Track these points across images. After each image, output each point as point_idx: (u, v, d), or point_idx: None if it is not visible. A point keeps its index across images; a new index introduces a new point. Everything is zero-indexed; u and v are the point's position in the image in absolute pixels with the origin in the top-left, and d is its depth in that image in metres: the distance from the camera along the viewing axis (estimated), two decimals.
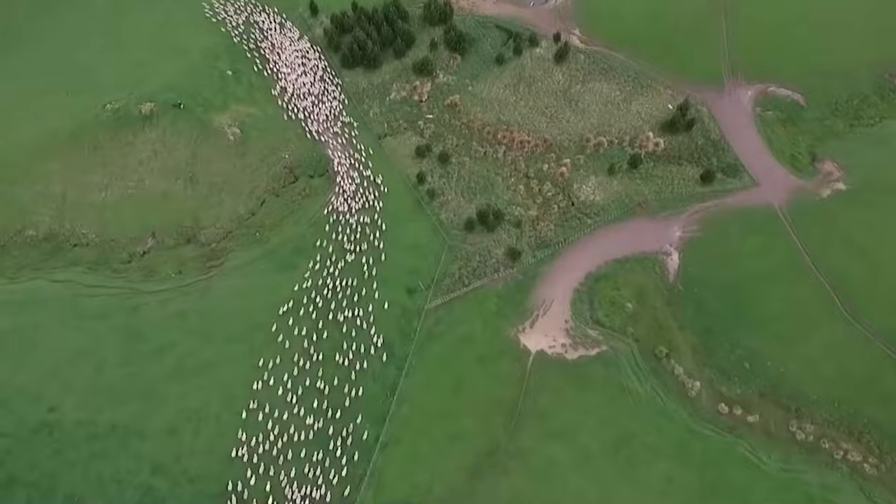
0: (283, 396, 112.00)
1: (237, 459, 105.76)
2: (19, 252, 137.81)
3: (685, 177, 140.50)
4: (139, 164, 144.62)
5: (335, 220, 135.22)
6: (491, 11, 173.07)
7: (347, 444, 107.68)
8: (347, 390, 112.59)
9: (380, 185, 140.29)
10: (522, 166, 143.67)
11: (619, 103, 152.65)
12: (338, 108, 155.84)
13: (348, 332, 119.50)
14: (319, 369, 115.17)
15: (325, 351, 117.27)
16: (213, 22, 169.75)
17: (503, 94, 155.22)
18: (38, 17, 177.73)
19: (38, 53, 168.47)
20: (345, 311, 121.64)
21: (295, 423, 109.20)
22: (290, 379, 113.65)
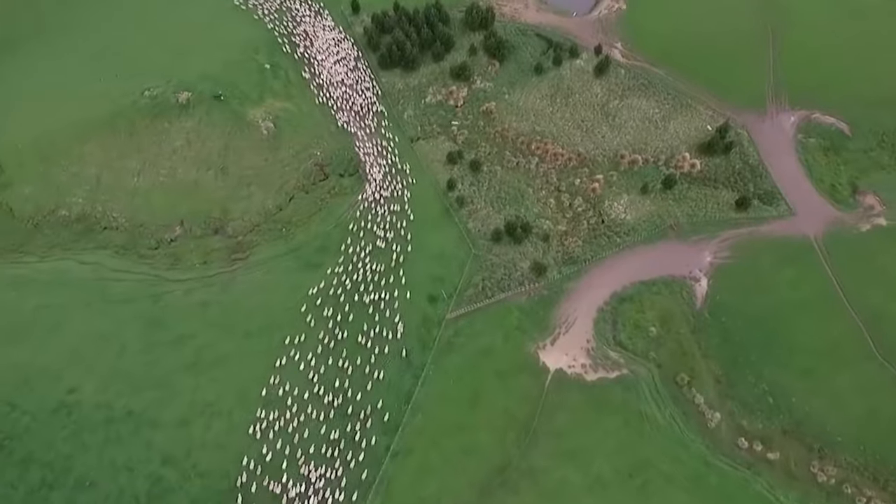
0: (298, 397, 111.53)
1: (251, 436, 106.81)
2: (51, 231, 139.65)
3: (720, 201, 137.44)
4: (173, 151, 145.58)
5: (362, 222, 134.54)
6: (533, 20, 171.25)
7: (361, 450, 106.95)
8: (362, 398, 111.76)
9: (409, 190, 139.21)
10: (554, 179, 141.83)
11: (656, 121, 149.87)
12: (371, 100, 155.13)
13: (367, 337, 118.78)
14: (336, 372, 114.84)
15: (343, 354, 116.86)
16: (254, 14, 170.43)
17: (540, 105, 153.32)
18: (92, 2, 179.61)
19: (88, 37, 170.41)
20: (364, 316, 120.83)
21: (309, 427, 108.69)
22: (306, 382, 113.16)
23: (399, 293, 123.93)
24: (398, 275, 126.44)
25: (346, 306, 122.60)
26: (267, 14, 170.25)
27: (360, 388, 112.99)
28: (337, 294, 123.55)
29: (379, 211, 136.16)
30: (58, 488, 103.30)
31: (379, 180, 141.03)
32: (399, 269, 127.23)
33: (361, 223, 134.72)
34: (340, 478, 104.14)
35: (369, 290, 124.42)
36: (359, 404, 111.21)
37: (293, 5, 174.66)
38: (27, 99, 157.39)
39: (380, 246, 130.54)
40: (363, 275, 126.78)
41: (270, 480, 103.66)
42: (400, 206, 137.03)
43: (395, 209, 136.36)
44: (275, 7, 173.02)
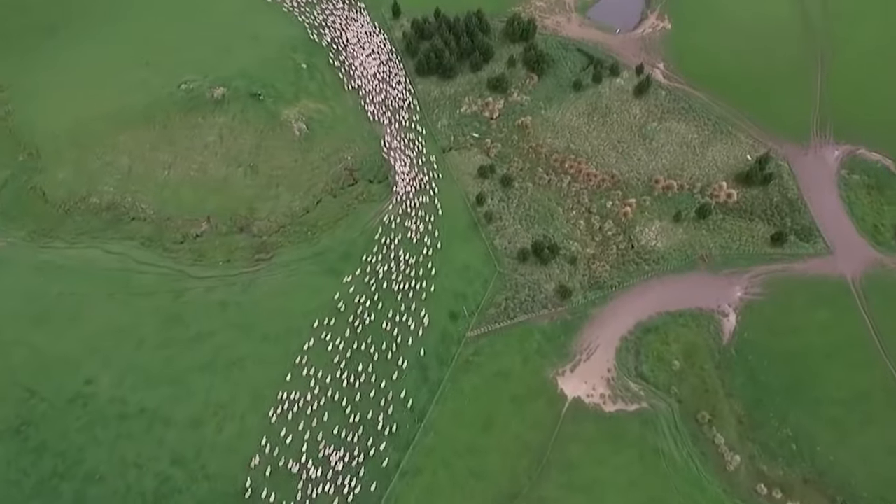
0: (309, 406, 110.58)
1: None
2: (81, 218, 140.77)
3: (755, 234, 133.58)
4: (204, 147, 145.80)
5: (388, 231, 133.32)
6: (575, 34, 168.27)
7: (370, 466, 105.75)
8: (374, 413, 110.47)
9: (438, 202, 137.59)
10: (586, 200, 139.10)
11: (695, 147, 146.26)
12: (405, 109, 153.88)
13: (383, 349, 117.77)
14: (350, 384, 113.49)
15: (358, 366, 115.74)
16: (293, 13, 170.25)
17: (576, 122, 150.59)
18: None
19: (130, 26, 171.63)
20: (383, 328, 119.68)
21: (322, 436, 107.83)
22: (319, 391, 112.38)
23: (420, 307, 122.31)
24: (421, 288, 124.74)
25: (365, 315, 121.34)
26: (306, 14, 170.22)
27: (374, 403, 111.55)
28: (357, 303, 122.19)
29: (406, 221, 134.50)
30: (68, 479, 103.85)
31: (408, 189, 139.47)
32: (422, 283, 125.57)
33: (387, 232, 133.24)
34: (348, 494, 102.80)
35: (390, 302, 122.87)
36: (372, 418, 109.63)
37: (334, 6, 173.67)
38: (67, 84, 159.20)
39: (404, 257, 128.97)
40: (385, 285, 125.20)
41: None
42: (427, 217, 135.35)
43: (422, 220, 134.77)
44: (315, 8, 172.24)
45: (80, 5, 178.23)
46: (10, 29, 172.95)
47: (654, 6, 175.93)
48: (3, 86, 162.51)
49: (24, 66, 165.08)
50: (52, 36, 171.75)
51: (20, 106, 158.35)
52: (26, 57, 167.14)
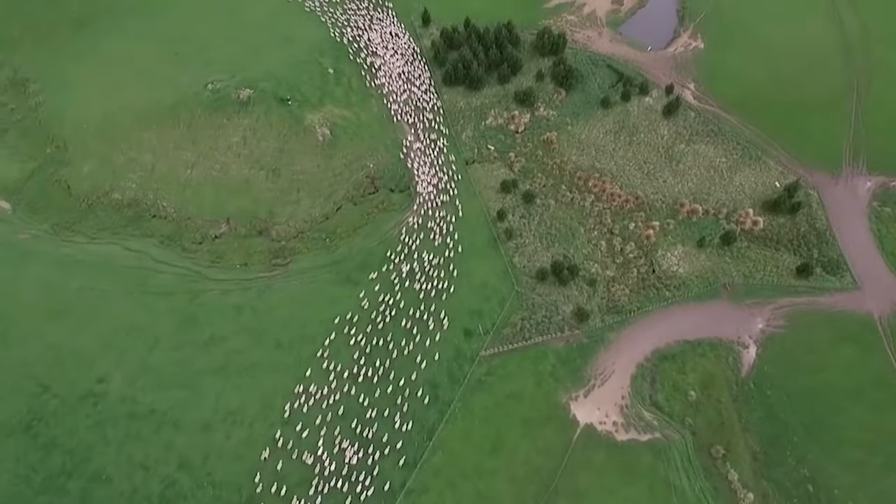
0: (318, 419, 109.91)
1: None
2: (103, 213, 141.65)
3: (780, 264, 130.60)
4: (227, 147, 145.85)
5: (406, 242, 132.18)
6: (605, 50, 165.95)
7: (376, 483, 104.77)
8: (382, 430, 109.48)
9: (459, 215, 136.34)
10: (608, 220, 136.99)
11: (722, 171, 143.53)
12: (431, 117, 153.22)
13: (396, 363, 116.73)
14: (358, 398, 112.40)
15: (369, 380, 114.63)
16: (322, 17, 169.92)
17: (602, 140, 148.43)
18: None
19: (160, 22, 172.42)
20: (396, 342, 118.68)
21: (329, 454, 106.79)
22: (328, 405, 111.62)
23: (436, 323, 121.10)
24: (437, 303, 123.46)
25: (380, 326, 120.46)
26: (336, 19, 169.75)
27: (383, 421, 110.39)
28: (372, 317, 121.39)
29: (425, 233, 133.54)
30: (75, 477, 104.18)
31: (429, 200, 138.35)
32: (439, 297, 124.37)
33: (406, 243, 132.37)
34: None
35: (406, 315, 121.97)
36: (379, 437, 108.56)
37: (364, 12, 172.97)
38: (96, 78, 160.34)
39: (422, 269, 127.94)
40: (402, 297, 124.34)
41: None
42: (447, 230, 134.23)
43: (442, 233, 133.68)
44: (345, 13, 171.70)
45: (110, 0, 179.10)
46: (41, 22, 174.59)
47: (688, 25, 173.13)
48: (33, 78, 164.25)
49: (55, 58, 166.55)
50: (81, 29, 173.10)
51: (50, 98, 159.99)
52: (57, 50, 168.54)
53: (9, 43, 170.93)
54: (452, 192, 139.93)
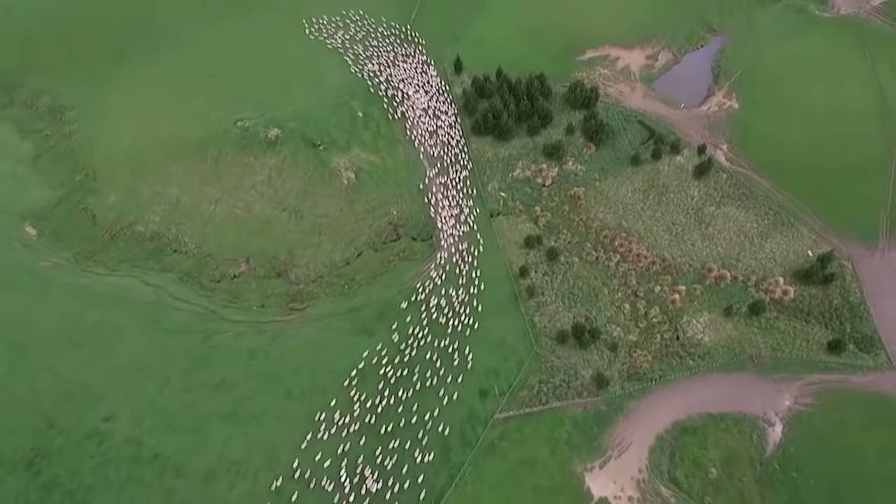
0: (325, 471, 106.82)
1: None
2: (125, 245, 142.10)
3: (810, 338, 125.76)
4: (252, 186, 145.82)
5: (426, 294, 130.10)
6: (638, 105, 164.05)
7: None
8: (390, 483, 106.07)
9: (480, 269, 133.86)
10: (633, 282, 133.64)
11: (752, 236, 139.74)
12: (459, 165, 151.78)
13: (408, 421, 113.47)
14: (368, 457, 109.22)
15: (378, 437, 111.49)
16: (355, 60, 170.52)
17: (631, 198, 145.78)
18: (208, 23, 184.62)
19: (197, 56, 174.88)
20: (408, 399, 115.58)
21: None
22: (336, 457, 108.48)
23: (451, 381, 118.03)
24: (453, 361, 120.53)
25: (392, 382, 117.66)
26: (368, 62, 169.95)
27: (391, 480, 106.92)
28: (385, 371, 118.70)
29: (445, 286, 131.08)
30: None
31: (451, 252, 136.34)
32: (455, 355, 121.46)
33: (425, 296, 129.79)
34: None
35: (420, 371, 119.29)
36: (387, 496, 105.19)
37: (397, 57, 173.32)
38: (130, 108, 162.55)
39: (439, 323, 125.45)
40: (417, 352, 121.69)
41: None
42: (467, 284, 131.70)
43: (462, 287, 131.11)
44: (377, 57, 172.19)
45: (148, 32, 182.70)
46: (82, 51, 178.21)
47: (722, 83, 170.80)
48: (70, 105, 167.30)
49: (93, 87, 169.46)
50: (120, 60, 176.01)
51: (84, 126, 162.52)
52: (95, 79, 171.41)
53: (52, 70, 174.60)
54: (475, 244, 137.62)
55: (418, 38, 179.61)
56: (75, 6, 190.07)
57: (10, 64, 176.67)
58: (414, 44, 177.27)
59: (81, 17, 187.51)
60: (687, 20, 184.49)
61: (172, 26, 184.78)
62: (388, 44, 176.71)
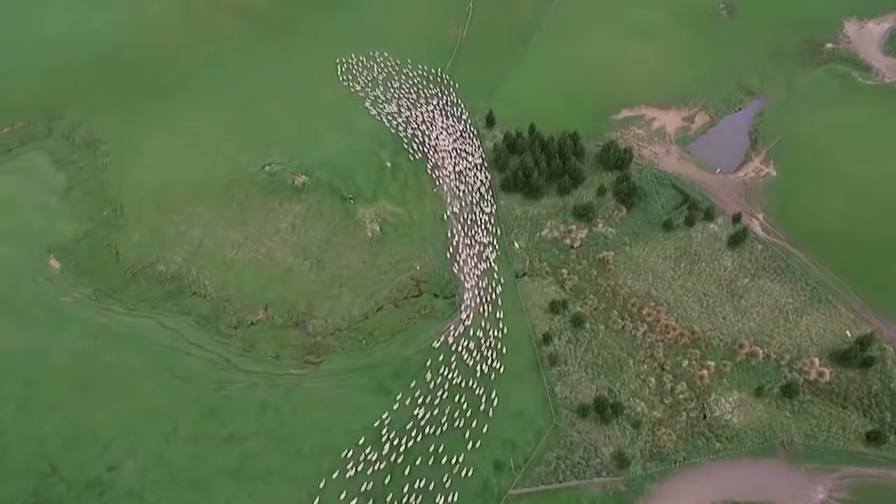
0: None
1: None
2: (146, 284, 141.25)
3: (847, 426, 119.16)
4: (275, 232, 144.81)
5: (445, 356, 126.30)
6: (672, 168, 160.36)
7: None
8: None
9: (502, 332, 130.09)
10: (660, 355, 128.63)
11: (787, 312, 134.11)
12: (487, 222, 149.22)
13: (419, 490, 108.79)
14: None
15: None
16: (389, 108, 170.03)
17: (661, 266, 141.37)
18: (245, 62, 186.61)
19: (230, 97, 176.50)
20: (420, 467, 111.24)
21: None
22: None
23: (466, 451, 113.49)
24: (470, 428, 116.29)
25: (405, 448, 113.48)
26: (400, 111, 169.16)
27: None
28: (398, 435, 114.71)
29: (465, 348, 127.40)
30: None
31: (473, 313, 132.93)
32: (472, 421, 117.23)
33: (444, 358, 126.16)
34: None
35: (434, 438, 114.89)
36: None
37: (430, 109, 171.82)
38: (162, 146, 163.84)
39: (458, 387, 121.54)
40: (433, 417, 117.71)
41: None
42: (488, 348, 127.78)
43: (483, 350, 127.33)
44: (410, 108, 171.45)
45: (186, 69, 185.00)
46: (121, 85, 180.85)
47: (760, 149, 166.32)
48: (105, 139, 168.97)
49: (128, 122, 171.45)
50: (156, 96, 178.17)
51: (117, 160, 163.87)
52: (132, 114, 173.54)
53: (91, 103, 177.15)
54: (499, 306, 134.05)
55: (454, 88, 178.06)
56: (119, 40, 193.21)
57: (52, 95, 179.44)
58: (448, 95, 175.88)
59: (124, 52, 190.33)
60: (725, 82, 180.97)
61: (210, 64, 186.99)
62: (421, 93, 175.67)
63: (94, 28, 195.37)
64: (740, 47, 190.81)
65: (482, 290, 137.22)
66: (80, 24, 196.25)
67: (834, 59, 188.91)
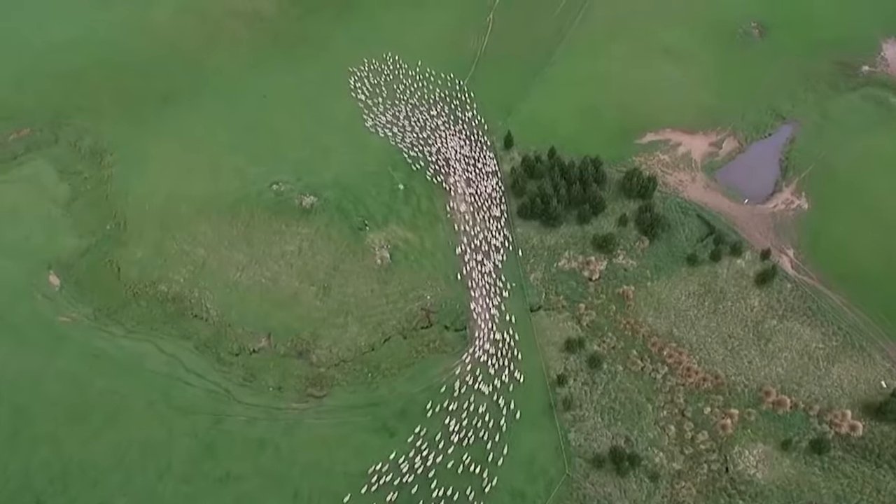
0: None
1: None
2: (146, 304, 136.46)
3: (882, 488, 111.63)
4: (281, 256, 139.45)
5: (453, 396, 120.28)
6: (698, 197, 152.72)
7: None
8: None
9: (514, 372, 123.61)
10: (681, 400, 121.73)
11: (818, 359, 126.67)
12: (502, 252, 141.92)
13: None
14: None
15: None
16: (404, 128, 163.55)
17: (684, 303, 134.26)
18: (255, 72, 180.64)
19: (243, 108, 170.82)
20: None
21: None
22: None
23: (472, 500, 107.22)
24: (476, 476, 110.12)
25: (407, 494, 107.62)
26: (416, 131, 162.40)
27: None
28: (401, 480, 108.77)
29: (474, 389, 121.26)
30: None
31: (484, 349, 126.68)
32: (480, 468, 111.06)
33: (452, 396, 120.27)
34: None
35: (440, 485, 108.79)
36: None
37: (448, 129, 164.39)
38: (169, 158, 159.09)
39: (465, 431, 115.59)
40: (437, 462, 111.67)
41: None
42: (499, 389, 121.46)
43: (493, 391, 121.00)
44: (426, 128, 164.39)
45: (197, 77, 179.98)
46: (130, 93, 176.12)
47: (791, 179, 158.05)
48: (111, 149, 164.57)
49: (136, 132, 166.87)
50: (165, 105, 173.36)
51: (122, 171, 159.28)
52: (139, 123, 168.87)
53: (99, 110, 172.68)
54: (512, 342, 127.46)
55: (472, 105, 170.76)
56: (129, 46, 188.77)
57: (60, 101, 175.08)
58: (466, 112, 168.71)
59: (134, 58, 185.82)
60: (755, 106, 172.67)
61: (220, 73, 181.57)
62: (438, 110, 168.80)
63: (104, 33, 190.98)
64: (771, 68, 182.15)
65: (495, 323, 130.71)
66: (91, 28, 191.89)
67: (870, 82, 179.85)
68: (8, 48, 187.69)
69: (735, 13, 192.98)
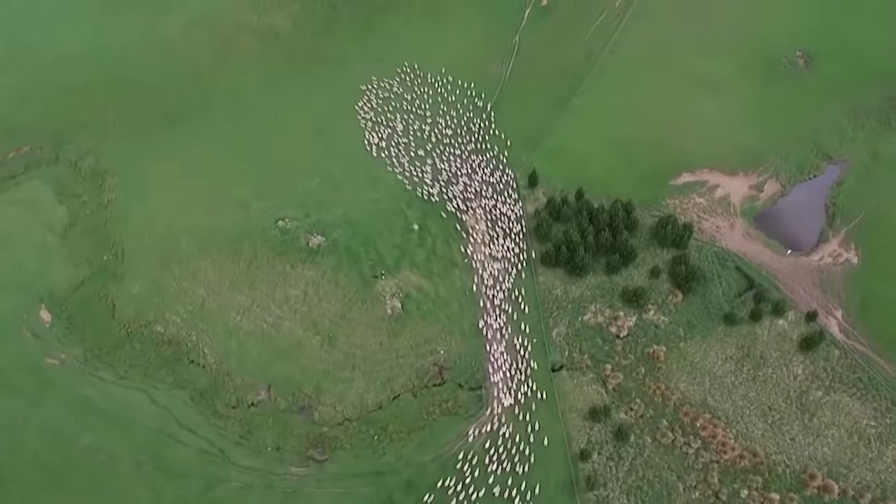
0: None
1: None
2: (141, 346, 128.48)
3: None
4: (285, 300, 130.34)
5: (465, 467, 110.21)
6: (737, 246, 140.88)
7: None
8: None
9: (533, 442, 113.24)
10: (715, 480, 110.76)
11: (869, 438, 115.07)
12: (523, 305, 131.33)
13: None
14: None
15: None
16: (422, 165, 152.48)
17: (720, 368, 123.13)
18: (266, 93, 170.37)
19: (251, 133, 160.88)
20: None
21: None
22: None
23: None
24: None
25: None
26: (434, 166, 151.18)
27: None
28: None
29: (489, 459, 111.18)
30: None
31: (501, 413, 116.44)
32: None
33: (464, 469, 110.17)
34: None
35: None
36: None
37: (469, 166, 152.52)
38: (172, 185, 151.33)
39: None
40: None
41: None
42: (516, 461, 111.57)
43: (509, 463, 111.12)
44: (446, 162, 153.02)
45: (205, 97, 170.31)
46: (135, 110, 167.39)
47: (839, 228, 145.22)
48: (112, 171, 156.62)
49: (138, 154, 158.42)
50: (171, 125, 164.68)
51: (122, 196, 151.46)
52: (142, 144, 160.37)
53: (102, 129, 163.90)
54: (531, 407, 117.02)
55: (496, 137, 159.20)
56: (138, 61, 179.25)
57: (63, 117, 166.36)
58: (488, 145, 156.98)
59: (142, 73, 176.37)
60: (799, 144, 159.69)
61: (230, 93, 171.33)
62: (457, 142, 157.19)
63: (115, 45, 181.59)
64: (817, 102, 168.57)
65: (514, 384, 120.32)
66: (102, 40, 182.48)
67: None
68: (19, 60, 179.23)
69: (779, 41, 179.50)
